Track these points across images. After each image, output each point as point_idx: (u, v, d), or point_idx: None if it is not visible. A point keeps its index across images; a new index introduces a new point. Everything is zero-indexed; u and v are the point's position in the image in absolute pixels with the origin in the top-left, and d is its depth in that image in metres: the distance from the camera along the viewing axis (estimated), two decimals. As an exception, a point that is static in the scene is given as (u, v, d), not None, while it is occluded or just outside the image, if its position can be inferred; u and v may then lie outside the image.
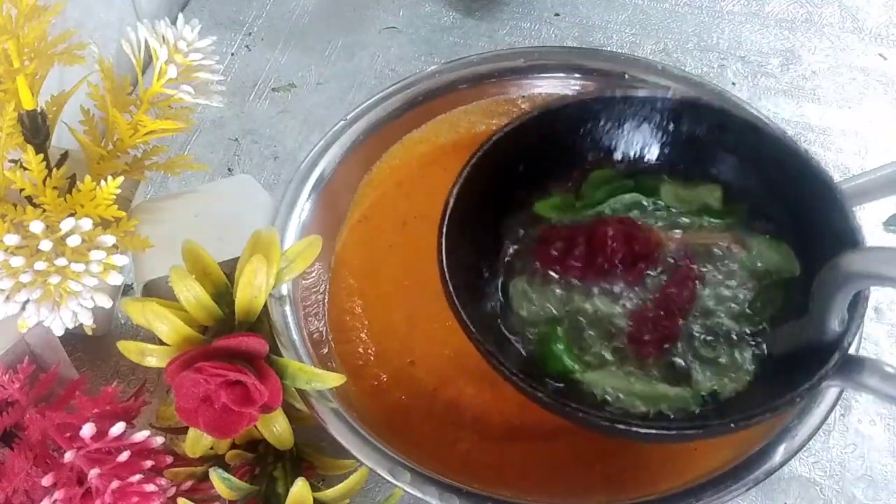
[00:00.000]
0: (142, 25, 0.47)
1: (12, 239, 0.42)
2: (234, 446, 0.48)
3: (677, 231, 0.46)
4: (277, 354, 0.46)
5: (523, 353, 0.44)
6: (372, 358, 0.50)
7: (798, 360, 0.40)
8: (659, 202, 0.47)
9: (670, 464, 0.46)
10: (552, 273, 0.45)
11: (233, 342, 0.43)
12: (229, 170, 0.67)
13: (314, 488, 0.45)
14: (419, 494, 0.42)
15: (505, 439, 0.47)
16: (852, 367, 0.38)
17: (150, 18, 0.48)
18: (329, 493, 0.46)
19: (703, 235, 0.46)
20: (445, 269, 0.42)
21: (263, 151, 0.68)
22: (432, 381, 0.49)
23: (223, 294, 0.46)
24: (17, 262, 0.42)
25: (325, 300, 0.52)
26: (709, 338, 0.43)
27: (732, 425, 0.39)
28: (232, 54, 0.75)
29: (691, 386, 0.42)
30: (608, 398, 0.42)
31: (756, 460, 0.43)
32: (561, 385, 0.43)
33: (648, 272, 0.44)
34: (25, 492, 0.45)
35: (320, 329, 0.51)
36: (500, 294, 0.46)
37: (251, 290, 0.44)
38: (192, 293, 0.44)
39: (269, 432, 0.46)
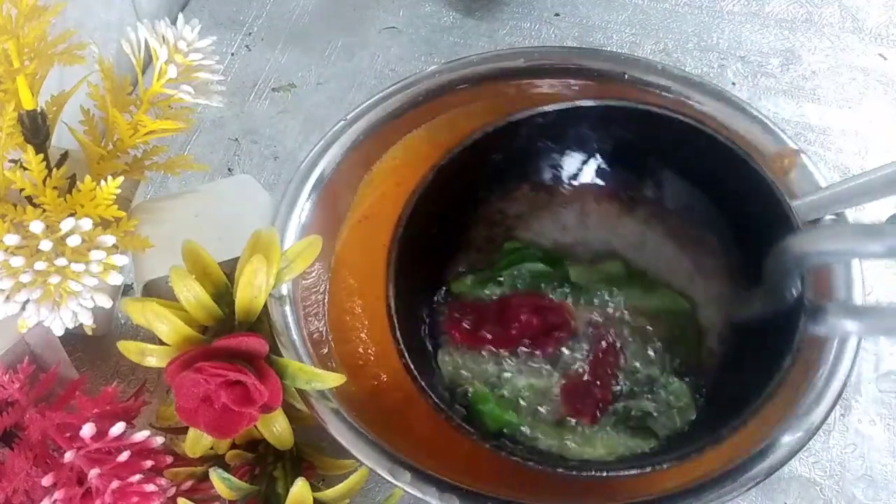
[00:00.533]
0: (142, 25, 0.47)
1: (12, 239, 0.42)
2: (234, 446, 0.48)
3: (586, 303, 0.47)
4: (277, 354, 0.46)
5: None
6: (372, 358, 0.50)
7: (763, 338, 0.41)
8: (564, 280, 0.48)
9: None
10: (466, 346, 0.46)
11: (233, 342, 0.43)
12: (229, 170, 0.67)
13: (314, 488, 0.45)
14: (419, 494, 0.42)
15: (505, 439, 0.47)
16: (819, 315, 0.39)
17: (150, 18, 0.48)
18: (329, 493, 0.46)
19: (611, 305, 0.46)
20: (399, 339, 0.43)
21: (263, 151, 0.68)
22: (432, 381, 0.49)
23: (223, 294, 0.46)
24: (17, 262, 0.42)
25: (325, 300, 0.52)
26: (639, 391, 0.44)
27: (737, 421, 0.39)
28: (232, 54, 0.75)
29: (645, 433, 0.43)
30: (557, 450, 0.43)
31: (756, 460, 0.43)
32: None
33: (565, 342, 0.44)
34: (25, 492, 0.45)
35: (320, 329, 0.51)
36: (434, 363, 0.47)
37: (251, 290, 0.44)
38: (192, 293, 0.44)
39: (269, 432, 0.46)
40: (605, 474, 0.41)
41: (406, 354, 0.42)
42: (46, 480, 0.44)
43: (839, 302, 0.38)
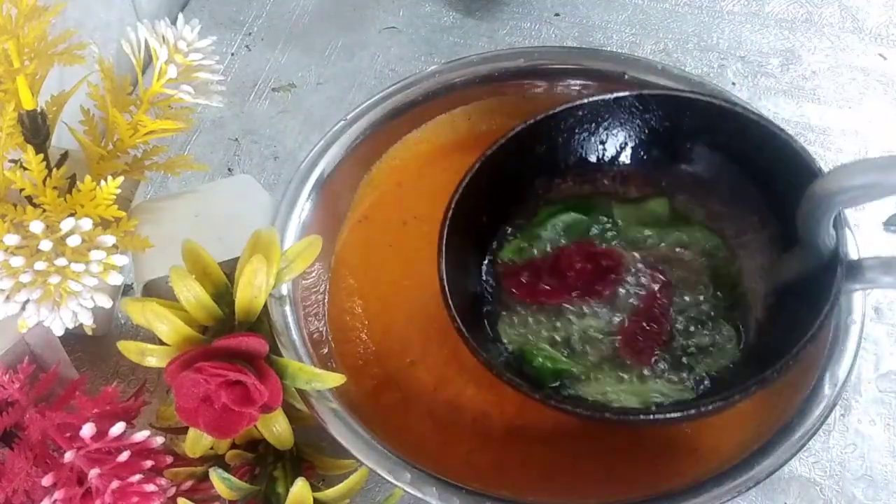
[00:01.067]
0: (142, 25, 0.47)
1: (12, 239, 0.42)
2: (234, 446, 0.48)
3: (633, 245, 0.47)
4: (277, 354, 0.46)
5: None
6: (372, 358, 0.50)
7: (803, 292, 0.41)
8: (608, 221, 0.48)
9: (670, 464, 0.46)
10: (527, 303, 0.46)
11: (233, 342, 0.43)
12: (229, 170, 0.67)
13: (314, 488, 0.45)
14: (419, 494, 0.42)
15: (505, 439, 0.47)
16: (856, 270, 0.39)
17: (150, 18, 0.48)
18: (329, 493, 0.46)
19: (658, 245, 0.47)
20: (452, 307, 0.44)
21: (263, 151, 0.68)
22: (432, 381, 0.49)
23: (223, 294, 0.46)
24: (17, 262, 0.42)
25: (325, 300, 0.52)
26: (693, 329, 0.44)
27: (780, 365, 0.39)
28: (232, 54, 0.75)
29: (685, 377, 0.43)
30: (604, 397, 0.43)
31: (756, 460, 0.43)
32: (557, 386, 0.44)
33: (620, 284, 0.45)
34: (25, 492, 0.45)
35: (320, 329, 0.51)
36: (489, 330, 0.47)
37: (251, 290, 0.44)
38: (192, 293, 0.44)
39: (269, 432, 0.46)
40: (651, 417, 0.41)
41: (465, 330, 0.43)
42: (46, 480, 0.44)
43: (877, 257, 0.39)
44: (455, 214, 0.45)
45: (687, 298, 0.45)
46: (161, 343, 0.44)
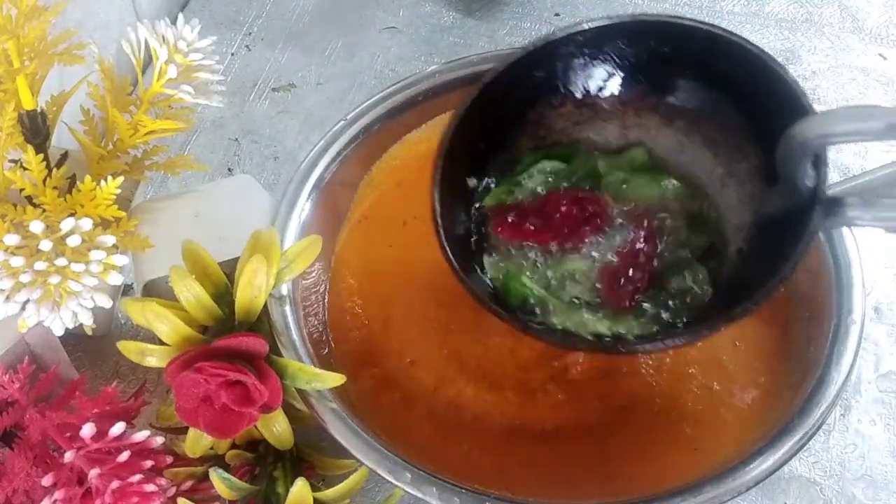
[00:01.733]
0: (142, 25, 0.47)
1: (12, 239, 0.42)
2: (234, 446, 0.48)
3: (615, 192, 0.47)
4: (277, 354, 0.46)
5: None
6: (372, 358, 0.50)
7: (781, 230, 0.41)
8: (591, 169, 0.48)
9: (670, 464, 0.46)
10: (511, 242, 0.46)
11: (233, 342, 0.43)
12: (229, 170, 0.67)
13: (314, 488, 0.45)
14: (419, 494, 0.42)
15: (505, 439, 0.47)
16: (836, 207, 0.39)
17: (150, 18, 0.48)
18: (329, 493, 0.46)
19: (638, 195, 0.47)
20: (445, 242, 0.44)
21: (263, 151, 0.68)
22: (432, 381, 0.49)
23: (223, 294, 0.46)
24: (17, 262, 0.42)
25: (325, 300, 0.52)
26: (672, 273, 0.44)
27: (750, 302, 0.39)
28: (232, 54, 0.75)
29: (662, 318, 0.44)
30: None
31: (756, 460, 0.43)
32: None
33: (604, 229, 0.45)
34: (25, 492, 0.45)
35: (320, 329, 0.51)
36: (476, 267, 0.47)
37: (251, 290, 0.44)
38: (192, 293, 0.44)
39: (269, 432, 0.46)
40: (622, 349, 0.42)
41: (453, 259, 0.43)
42: (46, 480, 0.44)
43: (857, 194, 0.40)
44: (452, 141, 0.44)
45: (667, 243, 0.45)
46: (161, 343, 0.44)
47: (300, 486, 0.44)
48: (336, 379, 0.44)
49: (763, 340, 0.50)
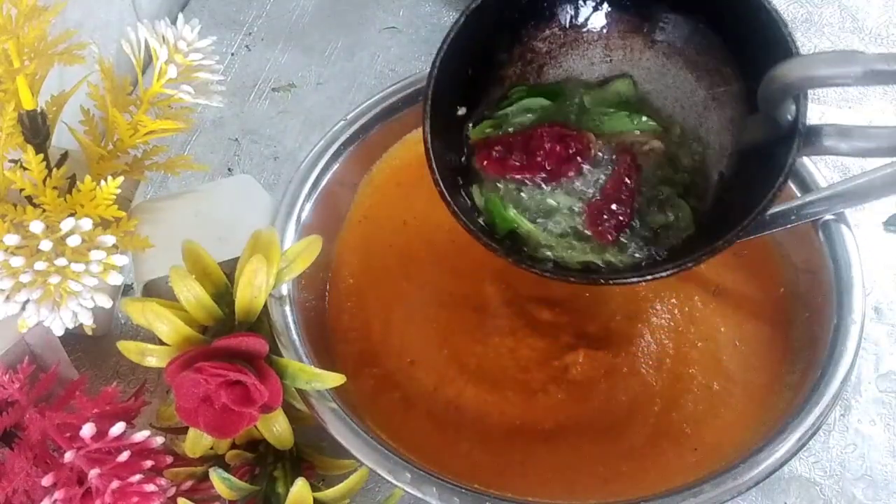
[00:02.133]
0: (142, 25, 0.47)
1: (12, 239, 0.42)
2: (234, 446, 0.48)
3: (600, 127, 0.47)
4: (277, 354, 0.46)
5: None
6: (372, 358, 0.50)
7: (761, 162, 0.42)
8: (576, 103, 0.48)
9: (670, 464, 0.46)
10: (496, 176, 0.46)
11: (233, 342, 0.43)
12: (229, 170, 0.67)
13: (314, 488, 0.45)
14: (419, 494, 0.42)
15: (505, 439, 0.47)
16: (814, 137, 0.40)
17: (150, 18, 0.48)
18: (329, 493, 0.46)
19: (620, 131, 0.47)
20: (436, 171, 0.44)
21: (263, 151, 0.68)
22: (432, 381, 0.49)
23: (223, 294, 0.46)
24: (17, 262, 0.42)
25: (325, 300, 0.52)
26: (654, 208, 0.45)
27: (731, 234, 0.40)
28: (232, 54, 0.75)
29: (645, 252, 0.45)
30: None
31: (756, 460, 0.43)
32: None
33: (586, 164, 0.45)
34: (25, 492, 0.45)
35: (320, 329, 0.51)
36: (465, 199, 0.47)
37: (251, 290, 0.44)
38: (192, 293, 0.44)
39: (269, 432, 0.46)
40: (607, 281, 0.43)
41: (441, 184, 0.43)
42: (46, 480, 0.44)
43: (833, 124, 0.40)
44: (441, 67, 0.44)
45: (650, 179, 0.46)
46: (161, 343, 0.44)
47: (300, 486, 0.44)
48: (336, 379, 0.44)
49: (763, 340, 0.50)
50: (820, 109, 0.69)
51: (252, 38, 0.76)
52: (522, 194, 0.46)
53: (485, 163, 0.46)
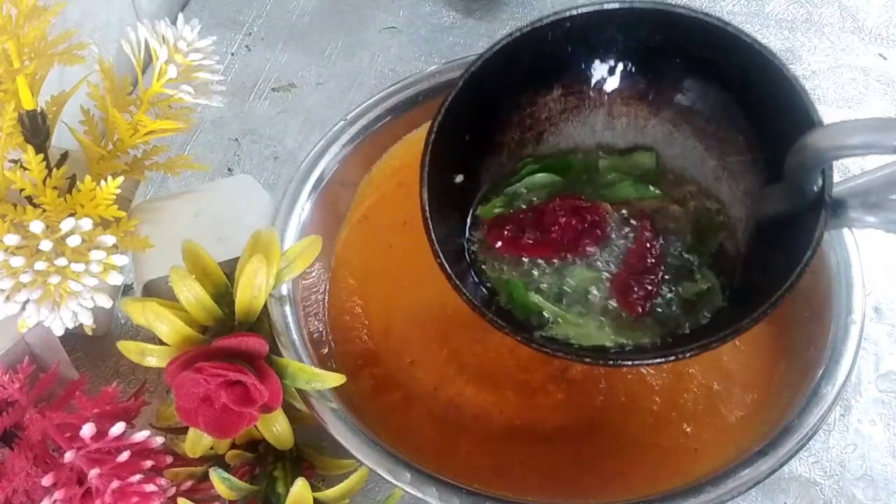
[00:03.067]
0: (142, 25, 0.47)
1: (12, 239, 0.42)
2: (234, 446, 0.48)
3: (616, 199, 0.46)
4: (277, 354, 0.46)
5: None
6: (372, 358, 0.50)
7: (786, 234, 0.41)
8: (594, 174, 0.47)
9: (670, 464, 0.46)
10: (510, 257, 0.45)
11: (233, 342, 0.43)
12: (229, 170, 0.67)
13: (314, 488, 0.45)
14: (419, 494, 0.42)
15: (505, 439, 0.47)
16: (839, 211, 0.39)
17: (150, 18, 0.48)
18: (329, 493, 0.46)
19: (641, 200, 0.47)
20: (438, 250, 0.42)
21: (263, 151, 0.68)
22: (432, 381, 0.49)
23: (223, 294, 0.46)
24: (17, 262, 0.42)
25: (325, 300, 0.52)
26: (679, 281, 0.44)
27: (758, 312, 0.39)
28: (232, 54, 0.75)
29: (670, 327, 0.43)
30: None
31: (756, 460, 0.43)
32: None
33: (607, 237, 0.45)
34: (25, 492, 0.45)
35: (320, 329, 0.51)
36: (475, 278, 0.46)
37: (251, 290, 0.44)
38: (192, 293, 0.44)
39: (269, 432, 0.46)
40: (631, 362, 0.42)
41: (441, 254, 0.42)
42: (46, 480, 0.44)
43: (859, 196, 0.39)
44: (438, 133, 0.43)
45: (675, 251, 0.45)
46: (161, 343, 0.44)
47: (300, 486, 0.44)
48: (336, 379, 0.44)
49: (763, 340, 0.50)
50: (820, 109, 0.69)
51: (252, 38, 0.76)
52: (540, 274, 0.45)
53: (498, 243, 0.45)
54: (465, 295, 0.42)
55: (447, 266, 0.42)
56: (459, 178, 0.46)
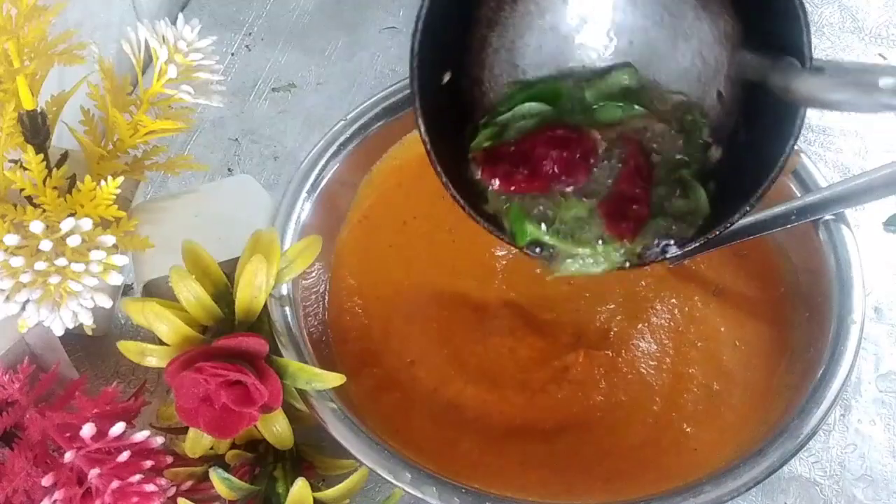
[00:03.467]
0: (142, 25, 0.47)
1: (12, 239, 0.42)
2: (234, 446, 0.48)
3: (604, 122, 0.45)
4: (277, 354, 0.46)
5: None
6: (372, 358, 0.50)
7: (763, 131, 0.41)
8: (578, 100, 0.46)
9: (670, 464, 0.46)
10: (507, 188, 0.45)
11: (233, 342, 0.43)
12: (229, 170, 0.67)
13: (314, 488, 0.45)
14: (419, 494, 0.42)
15: (505, 439, 0.47)
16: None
17: (150, 18, 0.48)
18: (329, 493, 0.46)
19: (631, 119, 0.46)
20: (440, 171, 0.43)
21: (263, 151, 0.68)
22: (432, 381, 0.49)
23: (223, 294, 0.46)
24: (17, 262, 0.42)
25: (325, 300, 0.52)
26: (676, 195, 0.44)
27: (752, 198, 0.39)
28: (232, 54, 0.75)
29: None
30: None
31: (756, 460, 0.43)
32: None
33: (599, 163, 0.44)
34: (25, 492, 0.45)
35: (320, 329, 0.51)
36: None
37: (251, 290, 0.44)
38: (192, 293, 0.44)
39: (269, 432, 0.46)
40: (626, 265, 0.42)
41: (444, 175, 0.42)
42: (46, 480, 0.44)
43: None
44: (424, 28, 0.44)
45: (668, 163, 0.44)
46: (161, 343, 0.44)
47: (300, 486, 0.44)
48: (336, 379, 0.44)
49: (763, 340, 0.50)
50: (820, 109, 0.69)
51: (252, 38, 0.76)
52: (537, 205, 0.45)
53: (491, 180, 0.45)
54: (471, 212, 0.42)
55: (446, 176, 0.42)
56: (447, 77, 0.47)
